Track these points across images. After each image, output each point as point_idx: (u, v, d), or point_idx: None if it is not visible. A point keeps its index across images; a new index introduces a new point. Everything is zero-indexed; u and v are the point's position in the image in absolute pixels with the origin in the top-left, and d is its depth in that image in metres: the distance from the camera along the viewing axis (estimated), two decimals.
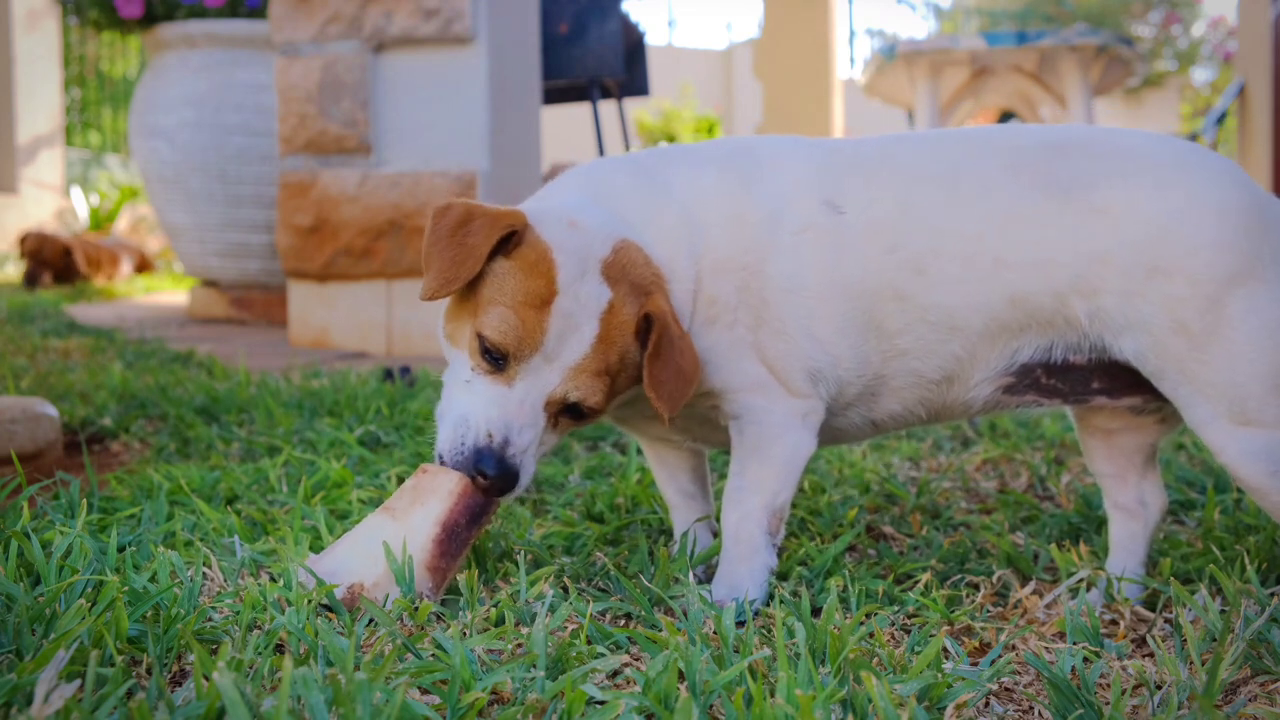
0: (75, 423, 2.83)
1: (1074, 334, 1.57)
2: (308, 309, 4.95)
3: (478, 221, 1.53)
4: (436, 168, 4.73)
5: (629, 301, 1.54)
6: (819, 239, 1.61)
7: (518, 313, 1.50)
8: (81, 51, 14.11)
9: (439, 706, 1.18)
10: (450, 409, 1.55)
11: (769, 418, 1.64)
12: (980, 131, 1.69)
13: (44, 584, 1.49)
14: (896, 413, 1.70)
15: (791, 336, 1.62)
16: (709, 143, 1.78)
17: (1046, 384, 1.63)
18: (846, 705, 1.19)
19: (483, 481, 1.50)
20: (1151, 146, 1.58)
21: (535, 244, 1.53)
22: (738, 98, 18.37)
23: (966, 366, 1.62)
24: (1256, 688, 1.31)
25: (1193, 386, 1.50)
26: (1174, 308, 1.49)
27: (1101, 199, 1.53)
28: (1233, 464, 1.51)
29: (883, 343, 1.63)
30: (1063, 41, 6.92)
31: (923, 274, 1.59)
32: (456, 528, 1.51)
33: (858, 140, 1.73)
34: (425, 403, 2.99)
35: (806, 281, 1.61)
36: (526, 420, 1.51)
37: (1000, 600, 1.66)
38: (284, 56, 4.82)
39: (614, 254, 1.55)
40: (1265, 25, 7.54)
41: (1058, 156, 1.58)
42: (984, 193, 1.59)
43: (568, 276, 1.51)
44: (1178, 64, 15.05)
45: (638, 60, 6.68)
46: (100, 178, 13.42)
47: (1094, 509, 2.13)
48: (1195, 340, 1.48)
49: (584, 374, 1.52)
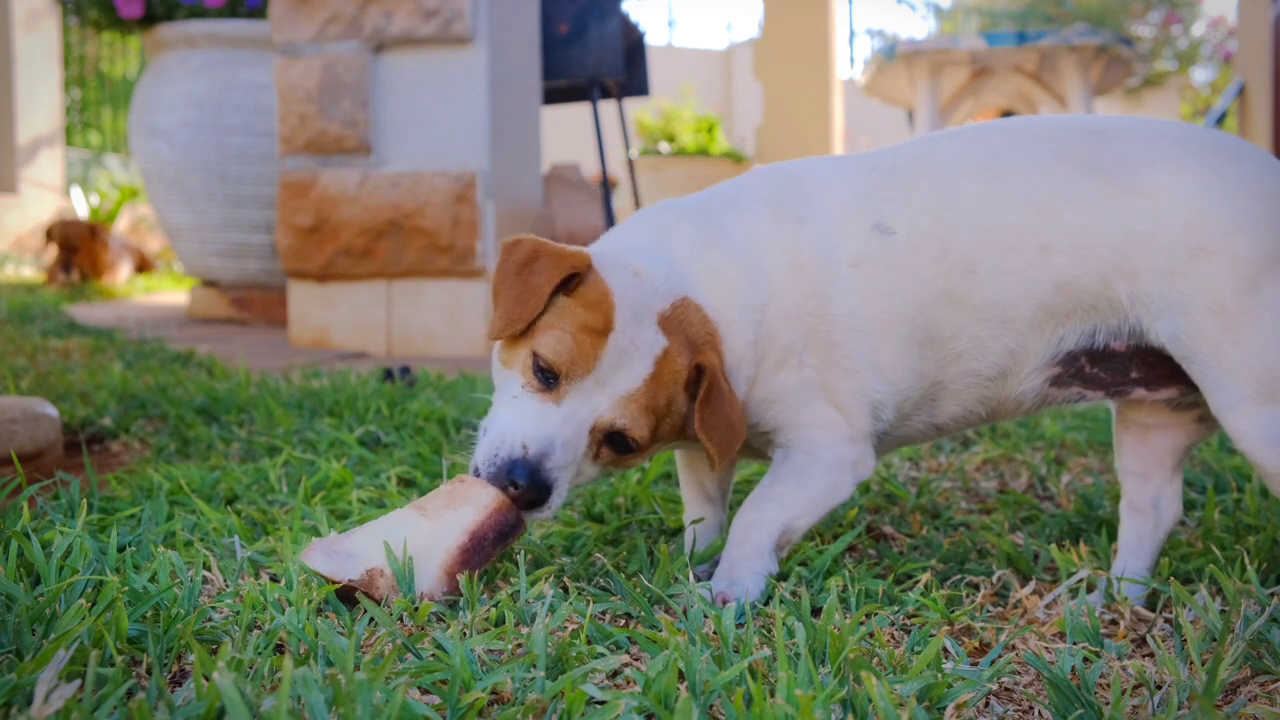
0: (75, 423, 2.83)
1: (1115, 317, 1.60)
2: (308, 309, 4.95)
3: (543, 260, 1.55)
4: (436, 168, 4.73)
5: (683, 352, 1.57)
6: (875, 267, 1.64)
7: (574, 336, 1.53)
8: (81, 51, 14.11)
9: (439, 706, 1.18)
10: (493, 423, 1.58)
11: (822, 453, 1.68)
12: (1019, 121, 1.72)
13: (44, 584, 1.49)
14: (957, 414, 1.73)
15: (859, 372, 1.66)
16: (756, 178, 1.78)
17: (1090, 373, 1.65)
18: (846, 705, 1.19)
19: (513, 491, 1.52)
20: (1192, 134, 1.61)
21: (597, 284, 1.56)
22: (738, 98, 18.37)
23: (1019, 359, 1.65)
24: (1256, 688, 1.31)
25: (1222, 368, 1.52)
26: (1213, 287, 1.51)
27: (1146, 182, 1.56)
28: (1253, 449, 1.53)
29: (939, 350, 1.66)
30: (1063, 41, 6.92)
31: (973, 273, 1.61)
32: (484, 541, 1.52)
33: (894, 149, 1.74)
34: (425, 403, 2.99)
35: (869, 314, 1.64)
36: (569, 437, 1.53)
37: (1000, 600, 1.66)
38: (284, 56, 4.82)
39: (672, 309, 1.58)
40: (1265, 25, 7.54)
41: (1099, 142, 1.61)
42: (1027, 180, 1.61)
43: (625, 319, 1.54)
44: (1178, 64, 15.04)
45: (638, 60, 6.68)
46: (100, 178, 13.42)
47: (1094, 509, 2.13)
48: (1230, 320, 1.51)
49: (633, 404, 1.55)
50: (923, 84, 7.29)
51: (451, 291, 4.77)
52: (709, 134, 11.28)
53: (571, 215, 6.12)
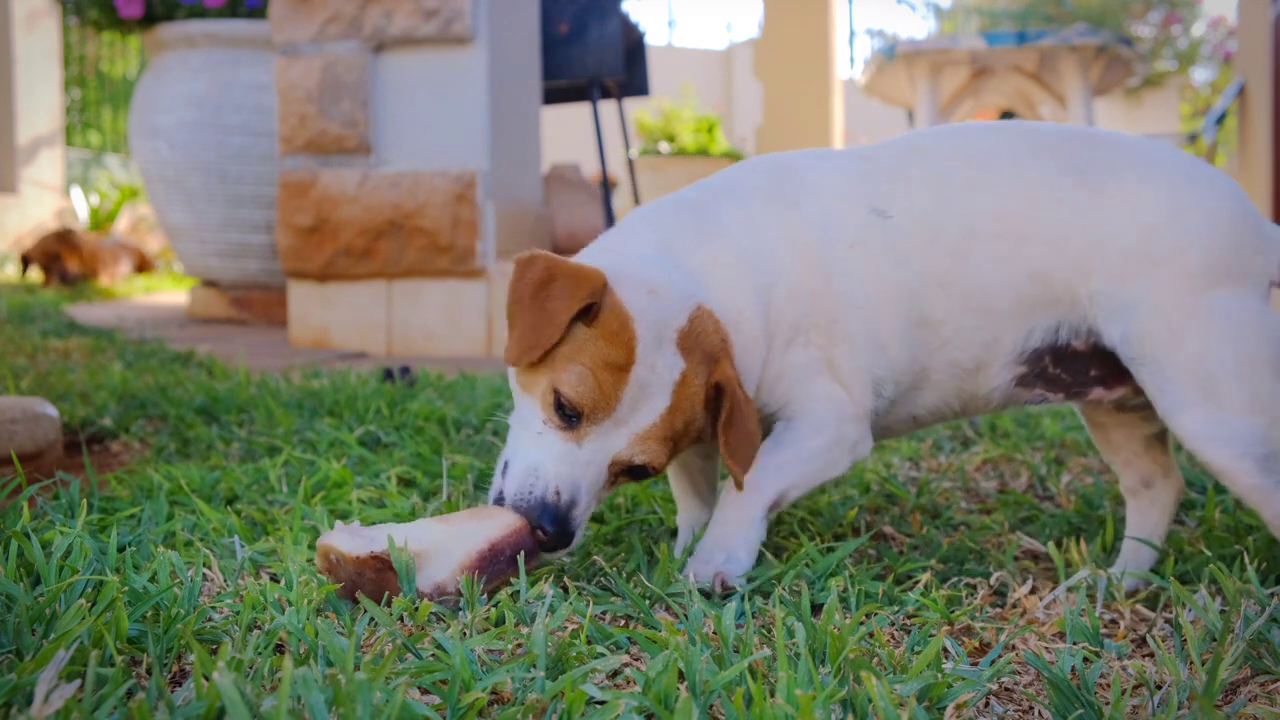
0: (75, 423, 2.83)
1: (1076, 314, 1.66)
2: (308, 309, 4.95)
3: (559, 283, 1.54)
4: (436, 168, 4.73)
5: (699, 371, 1.59)
6: (872, 248, 1.68)
7: (596, 374, 1.53)
8: (81, 51, 14.11)
9: (439, 706, 1.18)
10: (520, 455, 1.58)
11: (824, 428, 1.71)
12: (1009, 124, 1.78)
13: (44, 584, 1.49)
14: (934, 406, 1.78)
15: (862, 349, 1.69)
16: (747, 169, 1.81)
17: (1053, 374, 1.71)
18: (846, 705, 1.19)
19: (540, 535, 1.54)
20: (1167, 153, 1.69)
21: (617, 312, 1.55)
22: (738, 98, 18.36)
23: (993, 351, 1.71)
24: (1256, 688, 1.31)
25: (1167, 373, 1.59)
26: (1160, 295, 1.59)
27: (1116, 186, 1.64)
28: (1201, 448, 1.59)
29: (928, 334, 1.70)
30: (1063, 41, 6.92)
31: (962, 258, 1.67)
32: (500, 556, 1.53)
33: (885, 143, 1.80)
34: (425, 403, 2.99)
35: (869, 292, 1.68)
36: (592, 482, 1.56)
37: (1000, 600, 1.66)
38: (284, 56, 4.82)
39: (689, 323, 1.59)
40: (1265, 25, 7.54)
41: (1081, 145, 1.69)
42: (1011, 171, 1.68)
43: (646, 347, 1.55)
44: (1178, 64, 15.03)
45: (638, 60, 6.68)
46: (100, 178, 13.42)
47: (1094, 509, 2.13)
48: (1174, 327, 1.59)
49: (651, 440, 1.57)
50: (923, 84, 7.29)
51: (451, 291, 4.77)
52: (709, 134, 11.29)
53: (571, 215, 6.12)
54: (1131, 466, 1.88)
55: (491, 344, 4.75)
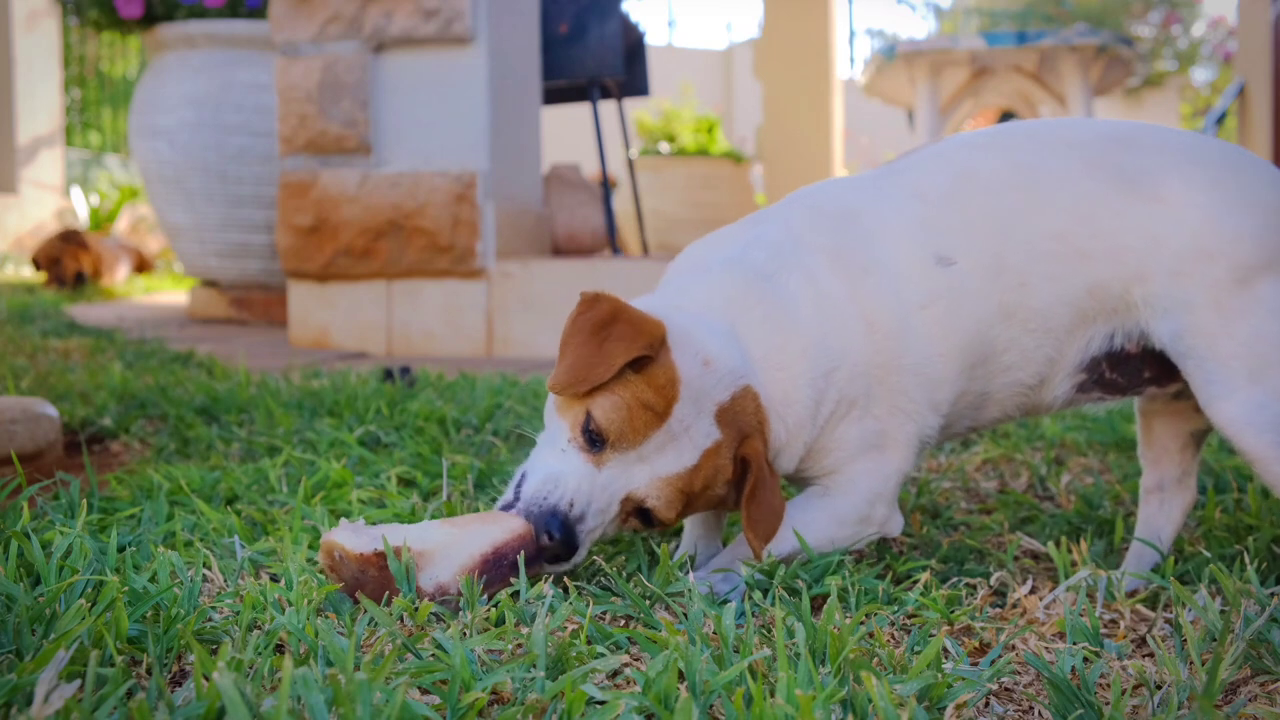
0: (75, 423, 2.83)
1: (1130, 319, 1.70)
2: (308, 309, 4.95)
3: (620, 327, 1.55)
4: (436, 168, 4.73)
5: (730, 446, 1.59)
6: (941, 304, 1.69)
7: (630, 409, 1.54)
8: (81, 51, 14.11)
9: (439, 706, 1.18)
10: (543, 465, 1.59)
11: (860, 503, 1.72)
12: (1040, 127, 1.79)
13: (44, 584, 1.48)
14: (997, 417, 1.82)
15: (918, 414, 1.71)
16: (805, 219, 1.76)
17: (1109, 379, 1.76)
18: (846, 705, 1.19)
19: (545, 540, 1.54)
20: (1207, 146, 1.72)
21: (667, 368, 1.56)
22: (738, 98, 18.37)
23: (1056, 366, 1.74)
24: (1256, 688, 1.31)
25: (1216, 360, 1.63)
26: (1213, 286, 1.63)
27: (1166, 190, 1.67)
28: (1239, 434, 1.62)
29: (989, 367, 1.72)
30: (1063, 41, 6.92)
31: (1025, 285, 1.69)
32: (503, 561, 1.53)
33: (924, 165, 1.77)
34: (425, 403, 2.99)
35: (937, 352, 1.69)
36: (602, 505, 1.57)
37: (1000, 600, 1.66)
38: (284, 56, 4.82)
39: (731, 400, 1.59)
40: (1265, 25, 7.54)
41: (1125, 150, 1.71)
42: (1064, 189, 1.69)
43: (684, 409, 1.56)
44: (1178, 64, 15.03)
45: (638, 60, 6.68)
46: (100, 178, 13.42)
47: (1094, 509, 2.14)
48: (1226, 315, 1.63)
49: (669, 487, 1.57)
50: (923, 84, 7.29)
51: (451, 291, 4.77)
52: (709, 134, 11.28)
53: (571, 215, 6.11)
54: (1159, 464, 1.89)
55: (491, 344, 4.75)
